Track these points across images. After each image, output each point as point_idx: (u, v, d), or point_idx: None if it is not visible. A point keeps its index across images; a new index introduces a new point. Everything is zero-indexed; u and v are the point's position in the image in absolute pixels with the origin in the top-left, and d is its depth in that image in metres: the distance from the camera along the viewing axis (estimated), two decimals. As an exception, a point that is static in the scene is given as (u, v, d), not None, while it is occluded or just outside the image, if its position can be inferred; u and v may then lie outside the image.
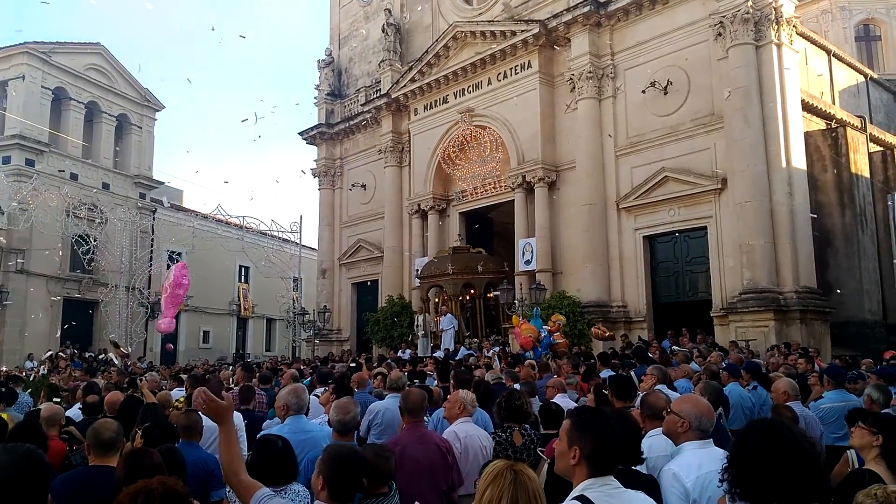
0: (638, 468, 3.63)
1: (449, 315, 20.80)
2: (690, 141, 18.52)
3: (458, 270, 21.74)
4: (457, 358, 15.19)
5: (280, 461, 3.84)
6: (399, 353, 19.51)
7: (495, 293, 20.52)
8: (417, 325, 21.44)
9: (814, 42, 21.59)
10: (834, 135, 19.81)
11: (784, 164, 16.96)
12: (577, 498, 2.65)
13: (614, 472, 2.77)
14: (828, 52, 22.43)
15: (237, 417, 6.40)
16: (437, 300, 22.97)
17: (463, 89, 24.26)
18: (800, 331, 16.18)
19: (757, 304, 16.30)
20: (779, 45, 17.47)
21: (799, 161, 17.36)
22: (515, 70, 22.56)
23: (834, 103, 21.82)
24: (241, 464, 3.17)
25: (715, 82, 17.98)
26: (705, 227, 18.23)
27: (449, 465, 4.97)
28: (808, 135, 18.61)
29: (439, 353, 17.71)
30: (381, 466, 3.87)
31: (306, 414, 5.80)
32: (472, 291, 22.42)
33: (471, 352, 16.80)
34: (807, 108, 19.14)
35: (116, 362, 19.16)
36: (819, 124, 20.30)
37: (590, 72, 20.32)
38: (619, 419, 3.26)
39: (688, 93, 18.65)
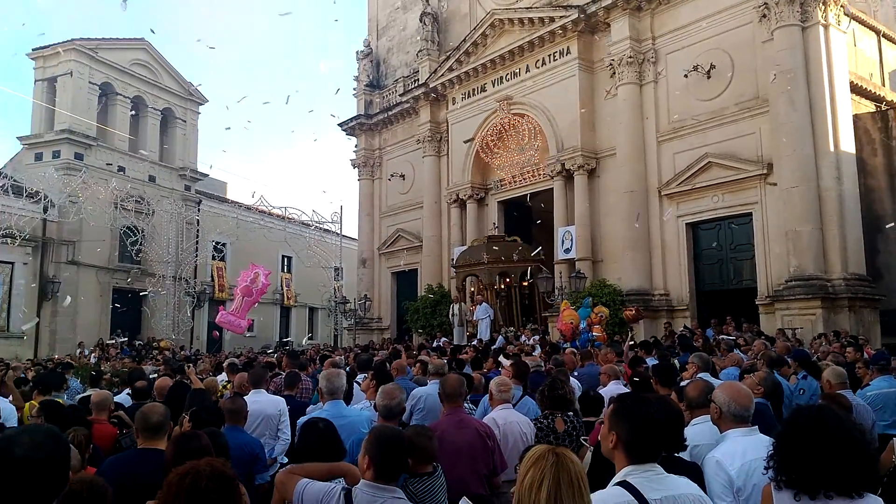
0: (682, 455, 3.61)
1: (484, 304, 20.69)
2: (734, 125, 18.13)
3: (493, 259, 21.58)
4: (494, 347, 15.18)
5: (325, 440, 3.95)
6: (435, 343, 19.56)
7: (539, 278, 20.25)
8: (453, 315, 21.44)
9: (862, 22, 20.86)
10: (884, 117, 19.17)
11: (832, 148, 16.50)
12: (619, 483, 2.65)
13: (657, 458, 2.75)
14: (877, 32, 21.67)
15: (280, 402, 6.55)
16: (472, 289, 22.90)
17: (501, 77, 24.13)
18: (848, 319, 15.77)
19: (804, 292, 15.93)
20: (826, 26, 16.95)
21: (847, 145, 16.86)
22: (554, 57, 22.34)
23: (884, 85, 21.11)
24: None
25: (760, 65, 17.55)
26: (750, 214, 17.85)
27: (490, 450, 5.01)
28: (856, 118, 18.05)
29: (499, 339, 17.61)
30: (423, 445, 3.93)
31: (348, 400, 5.89)
32: (508, 280, 22.30)
33: (501, 341, 16.71)
34: (855, 90, 18.56)
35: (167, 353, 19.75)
36: (868, 107, 19.68)
37: (630, 57, 20.02)
38: (661, 405, 3.24)
39: (731, 76, 18.24)
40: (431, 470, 3.98)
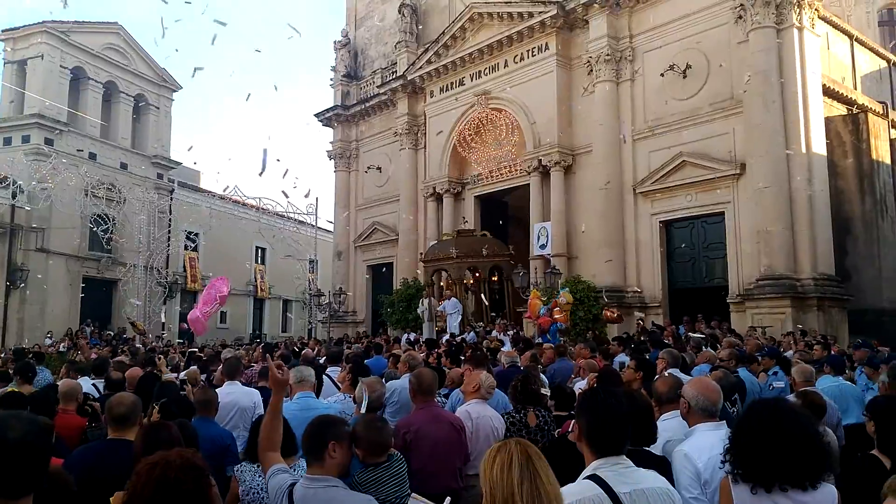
0: (651, 449, 3.65)
1: (453, 299, 20.50)
2: (709, 125, 18.33)
3: (462, 254, 21.42)
4: (470, 342, 15.18)
5: None
6: (405, 338, 19.42)
7: (514, 274, 20.16)
8: (423, 310, 21.15)
9: (836, 26, 21.22)
10: (855, 120, 19.53)
11: (804, 150, 16.76)
12: (589, 477, 2.68)
13: (622, 451, 2.78)
14: (850, 36, 22.05)
15: (255, 394, 6.51)
16: (441, 284, 22.73)
17: (479, 71, 24.13)
18: (817, 318, 16.06)
19: (774, 291, 16.18)
20: (800, 29, 17.20)
21: (819, 147, 17.14)
22: (532, 52, 22.40)
23: (856, 88, 21.49)
24: (276, 443, 3.47)
25: (735, 66, 17.75)
26: (723, 213, 18.09)
27: (463, 443, 5.04)
28: (828, 120, 18.36)
29: (465, 336, 17.42)
30: (371, 437, 3.92)
31: (318, 393, 5.87)
32: (478, 275, 22.16)
33: (472, 337, 16.61)
34: (828, 93, 18.87)
35: (138, 343, 19.46)
36: (840, 109, 20.02)
37: (608, 54, 20.14)
38: (628, 399, 3.28)
39: (707, 76, 18.43)
40: (384, 460, 3.96)
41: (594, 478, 2.66)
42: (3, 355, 13.58)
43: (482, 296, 21.69)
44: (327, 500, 3.17)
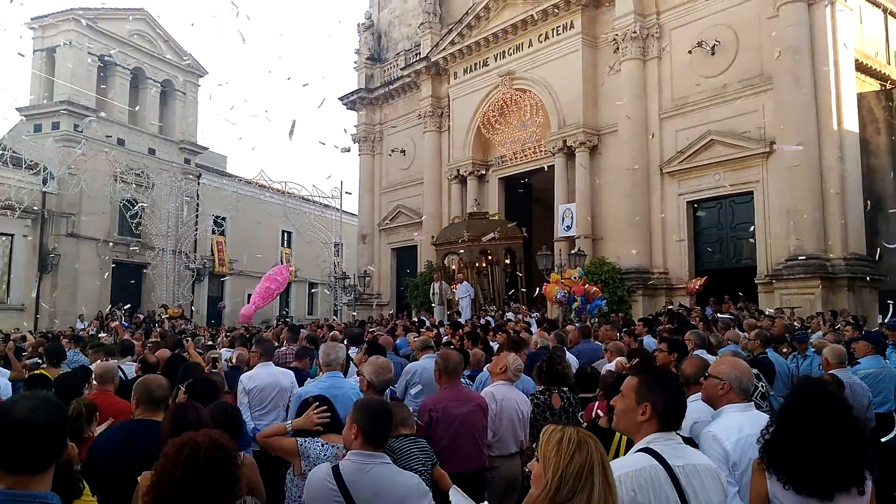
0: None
1: (465, 283, 20.25)
2: (738, 103, 17.99)
3: (473, 237, 21.14)
4: (495, 324, 15.16)
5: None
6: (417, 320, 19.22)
7: (538, 255, 19.94)
8: (433, 293, 21.03)
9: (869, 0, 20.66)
10: (889, 96, 19.03)
11: (835, 127, 16.40)
12: (643, 450, 2.72)
13: (679, 428, 2.86)
14: (884, 10, 21.45)
15: (290, 374, 6.57)
16: (453, 267, 22.43)
17: (503, 52, 23.92)
18: (847, 299, 15.81)
19: (803, 271, 15.92)
20: (832, 3, 16.77)
21: (851, 123, 16.77)
22: (557, 31, 22.12)
23: (889, 63, 20.94)
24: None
25: (764, 42, 17.38)
26: (752, 192, 17.80)
27: (486, 423, 5.10)
28: (861, 96, 17.93)
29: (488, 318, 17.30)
30: (400, 413, 4.06)
31: (345, 372, 5.91)
32: (490, 257, 21.88)
33: (488, 319, 16.46)
34: (860, 68, 18.43)
35: (166, 325, 19.80)
36: (873, 85, 19.54)
37: (634, 32, 19.82)
38: (677, 378, 3.32)
39: (736, 53, 18.07)
40: (409, 433, 4.12)
41: (648, 451, 2.70)
42: (38, 338, 13.88)
43: (492, 278, 21.48)
44: (379, 480, 3.17)
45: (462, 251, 21.71)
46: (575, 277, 16.14)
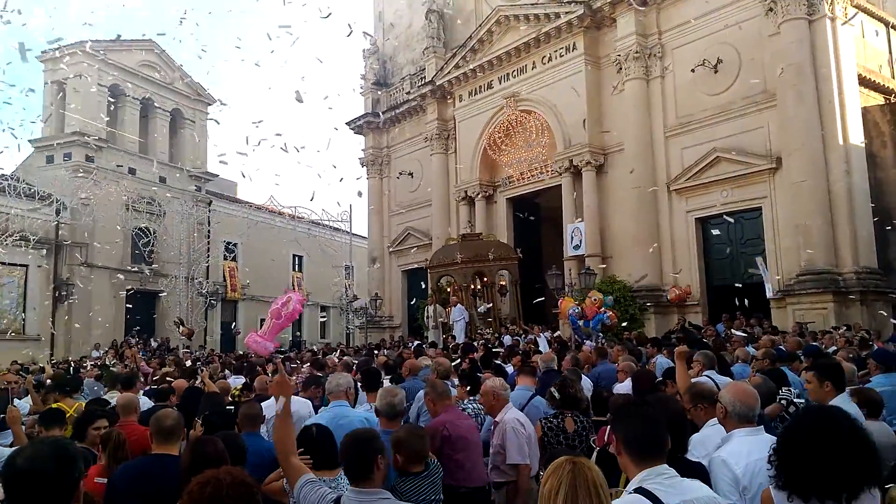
0: (694, 458, 3.65)
1: (459, 306, 19.71)
2: (742, 120, 18.08)
3: (467, 259, 20.59)
4: (507, 345, 15.14)
5: (315, 447, 3.92)
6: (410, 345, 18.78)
7: (549, 275, 19.62)
8: (427, 317, 20.64)
9: (870, 14, 20.70)
10: (893, 109, 19.05)
11: (841, 142, 16.45)
12: (636, 490, 2.63)
13: (664, 459, 2.75)
14: (886, 23, 21.50)
15: (308, 404, 6.61)
16: (448, 290, 21.90)
17: (507, 74, 24.15)
18: (860, 312, 15.73)
19: (815, 286, 15.90)
20: (833, 19, 16.90)
21: (856, 137, 16.81)
22: (560, 53, 22.34)
23: (893, 77, 20.96)
24: (293, 445, 3.52)
25: (767, 59, 17.49)
26: (760, 208, 17.83)
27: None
28: (865, 110, 17.97)
29: (506, 339, 17.01)
30: (414, 445, 3.99)
31: (353, 402, 5.96)
32: (485, 279, 21.48)
33: (508, 339, 16.21)
34: (864, 82, 18.47)
35: (181, 352, 19.82)
36: (877, 99, 19.57)
37: (636, 52, 19.99)
38: (658, 405, 3.28)
39: (739, 70, 18.19)
40: (422, 469, 4.04)
41: (641, 491, 2.61)
42: (55, 370, 14.02)
43: (492, 299, 21.27)
44: None
45: (455, 273, 21.19)
46: (594, 300, 15.90)
